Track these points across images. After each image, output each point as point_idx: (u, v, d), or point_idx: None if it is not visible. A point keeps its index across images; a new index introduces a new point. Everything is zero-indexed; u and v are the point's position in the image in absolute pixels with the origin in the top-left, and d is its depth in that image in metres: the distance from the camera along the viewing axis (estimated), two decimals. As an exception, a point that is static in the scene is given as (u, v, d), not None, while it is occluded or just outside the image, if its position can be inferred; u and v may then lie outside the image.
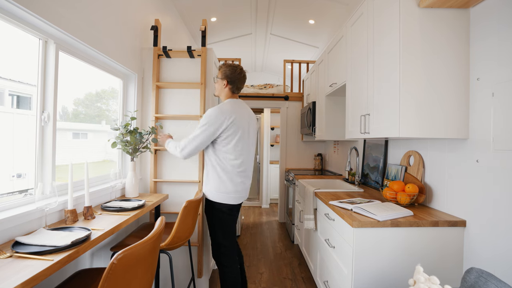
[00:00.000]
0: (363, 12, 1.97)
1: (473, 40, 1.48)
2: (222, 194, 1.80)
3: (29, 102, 1.45)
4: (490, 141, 1.35)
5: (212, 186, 1.82)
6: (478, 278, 1.08)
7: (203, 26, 2.35)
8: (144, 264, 1.04)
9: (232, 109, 1.80)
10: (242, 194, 1.87)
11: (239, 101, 1.91)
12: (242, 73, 1.90)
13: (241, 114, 1.83)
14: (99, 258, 1.86)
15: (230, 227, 1.86)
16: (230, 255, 1.86)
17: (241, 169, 1.84)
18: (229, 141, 1.78)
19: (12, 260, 0.98)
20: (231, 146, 1.78)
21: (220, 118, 1.75)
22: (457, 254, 1.49)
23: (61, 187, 1.57)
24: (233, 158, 1.80)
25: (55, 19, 1.37)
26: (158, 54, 2.34)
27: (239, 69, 1.89)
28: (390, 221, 1.47)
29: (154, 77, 2.32)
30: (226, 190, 1.80)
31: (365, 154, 2.74)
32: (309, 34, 4.30)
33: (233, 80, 1.87)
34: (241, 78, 1.90)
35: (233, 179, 1.81)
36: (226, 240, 1.85)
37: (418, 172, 1.85)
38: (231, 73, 1.87)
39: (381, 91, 1.71)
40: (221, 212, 1.82)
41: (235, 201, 1.84)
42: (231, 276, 1.84)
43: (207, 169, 1.86)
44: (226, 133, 1.77)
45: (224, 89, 1.90)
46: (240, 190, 1.84)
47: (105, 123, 2.14)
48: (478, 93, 1.44)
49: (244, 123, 1.84)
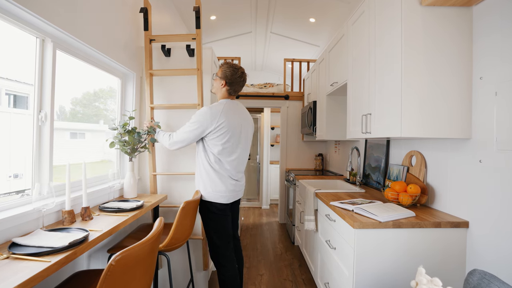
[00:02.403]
0: (365, 10, 1.95)
1: (476, 39, 1.46)
2: (213, 193, 1.80)
3: (26, 102, 1.44)
4: (493, 141, 1.33)
5: (202, 184, 1.83)
6: (481, 280, 1.07)
7: (197, 6, 2.14)
8: (142, 266, 1.03)
9: (224, 110, 1.77)
10: (233, 194, 1.85)
11: (234, 102, 1.88)
12: (243, 77, 1.85)
13: (232, 116, 1.80)
14: (97, 259, 1.84)
15: (223, 227, 1.83)
16: (226, 254, 1.84)
17: (231, 171, 1.82)
18: (218, 141, 1.76)
19: (9, 261, 0.97)
20: (221, 147, 1.77)
21: (208, 120, 1.74)
22: (460, 256, 1.47)
23: (59, 187, 1.55)
24: (222, 158, 1.79)
25: (52, 17, 1.36)
26: (149, 39, 2.21)
27: (240, 72, 1.84)
28: (392, 222, 1.45)
29: (147, 64, 2.18)
30: (216, 189, 1.79)
31: (366, 154, 2.72)
32: (310, 32, 4.28)
33: (232, 82, 1.83)
34: (240, 82, 1.85)
35: (222, 179, 1.80)
36: (220, 240, 1.82)
37: (420, 172, 1.83)
38: (231, 75, 1.82)
39: (382, 90, 1.69)
40: (212, 212, 1.81)
41: (226, 200, 1.81)
42: (229, 275, 1.82)
43: (198, 168, 1.86)
44: (215, 134, 1.76)
45: (221, 88, 1.87)
46: (231, 189, 1.82)
47: (103, 123, 2.12)
48: (481, 92, 1.42)
49: (236, 125, 1.81)
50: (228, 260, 1.84)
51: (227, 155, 1.80)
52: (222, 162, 1.80)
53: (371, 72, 1.85)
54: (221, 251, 1.83)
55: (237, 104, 1.90)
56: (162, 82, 2.36)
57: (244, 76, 1.86)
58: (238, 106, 1.89)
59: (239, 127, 1.83)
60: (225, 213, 1.83)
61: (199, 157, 1.85)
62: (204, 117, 1.74)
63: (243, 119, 1.88)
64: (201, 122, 1.75)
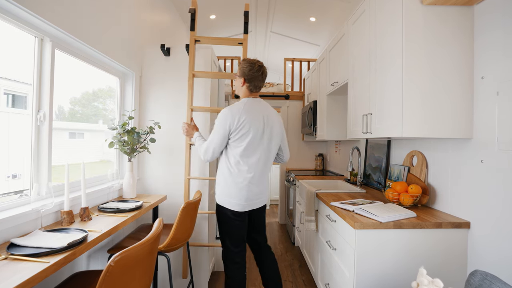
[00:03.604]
0: (365, 10, 1.94)
1: (477, 38, 1.45)
2: (226, 198, 1.73)
3: (25, 101, 1.43)
4: (495, 141, 1.32)
5: (219, 187, 1.77)
6: (483, 281, 1.06)
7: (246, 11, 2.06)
8: (142, 267, 1.03)
9: (245, 109, 1.70)
10: (249, 203, 1.74)
11: (257, 100, 1.79)
12: (261, 70, 1.76)
13: (254, 115, 1.71)
14: (96, 260, 1.83)
15: (235, 231, 1.76)
16: (234, 259, 1.78)
17: (249, 175, 1.71)
18: (239, 143, 1.69)
19: (7, 262, 0.97)
20: (242, 148, 1.69)
21: (228, 119, 1.67)
22: (461, 256, 1.47)
23: (57, 188, 1.54)
24: (243, 160, 1.70)
25: (50, 16, 1.35)
26: (195, 40, 2.19)
27: (258, 65, 1.76)
28: (393, 222, 1.44)
29: (191, 65, 2.15)
30: (230, 195, 1.72)
31: (367, 154, 2.71)
32: (310, 31, 4.27)
33: (251, 78, 1.75)
34: (259, 76, 1.76)
35: (238, 185, 1.71)
36: (231, 244, 1.78)
37: (421, 172, 1.82)
38: (249, 71, 1.74)
39: (383, 90, 1.68)
40: (225, 216, 1.76)
41: (240, 208, 1.72)
42: (234, 279, 1.77)
43: (218, 170, 1.81)
44: (237, 135, 1.68)
45: (241, 87, 1.80)
46: (246, 197, 1.72)
47: (102, 123, 2.11)
48: (482, 91, 1.41)
49: (258, 124, 1.71)
50: (235, 265, 1.78)
51: (248, 156, 1.71)
52: (243, 165, 1.70)
53: (371, 72, 1.84)
54: (230, 254, 1.78)
55: (260, 101, 1.81)
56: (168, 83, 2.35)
57: (262, 70, 1.77)
58: (261, 104, 1.79)
59: (261, 126, 1.73)
60: (239, 218, 1.76)
61: (221, 159, 1.79)
62: (225, 118, 1.68)
63: (266, 118, 1.77)
64: (222, 123, 1.68)
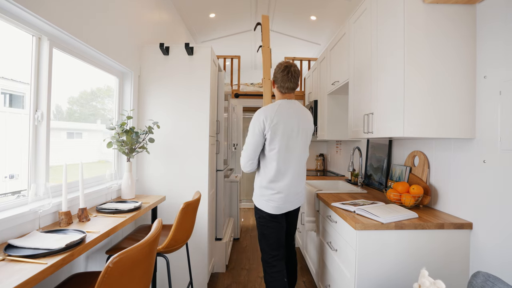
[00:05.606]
0: (366, 8, 1.92)
1: (479, 36, 1.43)
2: (261, 200, 1.72)
3: (22, 101, 1.41)
4: (497, 141, 1.31)
5: (255, 189, 1.78)
6: (485, 282, 1.05)
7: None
8: (140, 268, 1.02)
9: (278, 110, 1.67)
10: (285, 205, 1.71)
11: (290, 101, 1.75)
12: (287, 69, 1.71)
13: (287, 116, 1.68)
14: (94, 261, 1.82)
15: (270, 235, 1.73)
16: (271, 262, 1.74)
17: (280, 175, 1.69)
18: (274, 145, 1.67)
19: (4, 263, 0.96)
20: (276, 149, 1.66)
21: (260, 120, 1.65)
22: (463, 257, 1.45)
23: (55, 188, 1.53)
24: (274, 162, 1.68)
25: (48, 15, 1.33)
26: None
27: (283, 66, 1.72)
28: (394, 223, 1.42)
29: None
30: (264, 197, 1.71)
31: (368, 154, 2.69)
32: (311, 30, 4.25)
33: (278, 79, 1.74)
34: (285, 76, 1.71)
35: (270, 185, 1.70)
36: (267, 246, 1.75)
37: (423, 173, 1.80)
38: (276, 72, 1.74)
39: (385, 89, 1.67)
40: (261, 217, 1.75)
41: (274, 210, 1.69)
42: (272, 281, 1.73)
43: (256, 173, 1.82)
44: (271, 136, 1.65)
45: (274, 90, 1.81)
46: (277, 198, 1.69)
47: (100, 123, 2.09)
48: (484, 91, 1.40)
49: (290, 126, 1.68)
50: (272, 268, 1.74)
51: (278, 159, 1.67)
52: (279, 166, 1.68)
53: (373, 71, 1.82)
54: (266, 257, 1.75)
55: (294, 103, 1.76)
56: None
57: (288, 68, 1.72)
58: (294, 105, 1.75)
59: (296, 127, 1.70)
60: (275, 220, 1.73)
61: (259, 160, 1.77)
62: (258, 119, 1.66)
63: (299, 119, 1.73)
64: (255, 125, 1.67)
